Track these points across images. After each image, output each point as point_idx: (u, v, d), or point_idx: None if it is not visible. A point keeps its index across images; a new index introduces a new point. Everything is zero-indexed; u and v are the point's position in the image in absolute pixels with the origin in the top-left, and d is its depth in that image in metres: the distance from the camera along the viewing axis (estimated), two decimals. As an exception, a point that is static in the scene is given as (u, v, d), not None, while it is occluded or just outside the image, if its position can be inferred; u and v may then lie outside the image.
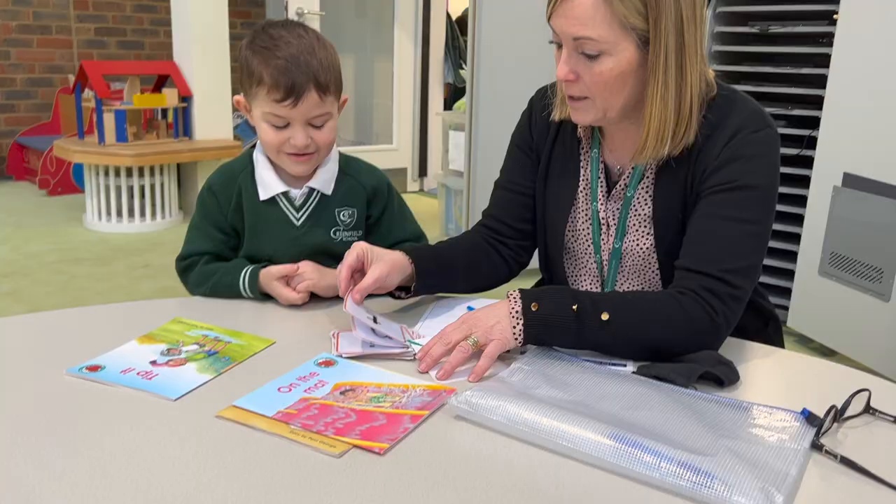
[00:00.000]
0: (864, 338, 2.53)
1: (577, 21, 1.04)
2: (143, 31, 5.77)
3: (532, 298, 1.04)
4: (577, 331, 1.02)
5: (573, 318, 1.02)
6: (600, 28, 1.03)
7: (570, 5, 1.04)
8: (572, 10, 1.04)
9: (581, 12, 1.03)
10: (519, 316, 1.03)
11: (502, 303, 1.06)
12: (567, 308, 1.02)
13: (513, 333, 1.02)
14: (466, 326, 1.04)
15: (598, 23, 1.03)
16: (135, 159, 3.94)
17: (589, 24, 1.03)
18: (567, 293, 1.05)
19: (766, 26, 2.93)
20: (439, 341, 1.03)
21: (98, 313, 1.19)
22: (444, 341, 1.02)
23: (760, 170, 1.09)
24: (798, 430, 0.85)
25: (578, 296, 1.04)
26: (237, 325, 1.14)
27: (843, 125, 2.58)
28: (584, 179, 1.24)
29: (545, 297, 1.04)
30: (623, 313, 1.03)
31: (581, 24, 1.04)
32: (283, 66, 1.18)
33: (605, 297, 1.06)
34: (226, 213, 1.31)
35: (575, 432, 0.80)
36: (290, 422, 0.86)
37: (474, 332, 1.02)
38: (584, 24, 1.04)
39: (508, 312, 1.04)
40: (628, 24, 1.03)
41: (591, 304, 1.03)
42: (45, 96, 5.45)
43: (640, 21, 1.03)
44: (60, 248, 3.80)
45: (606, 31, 1.03)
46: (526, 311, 1.03)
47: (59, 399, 0.90)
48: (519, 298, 1.04)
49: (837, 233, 2.61)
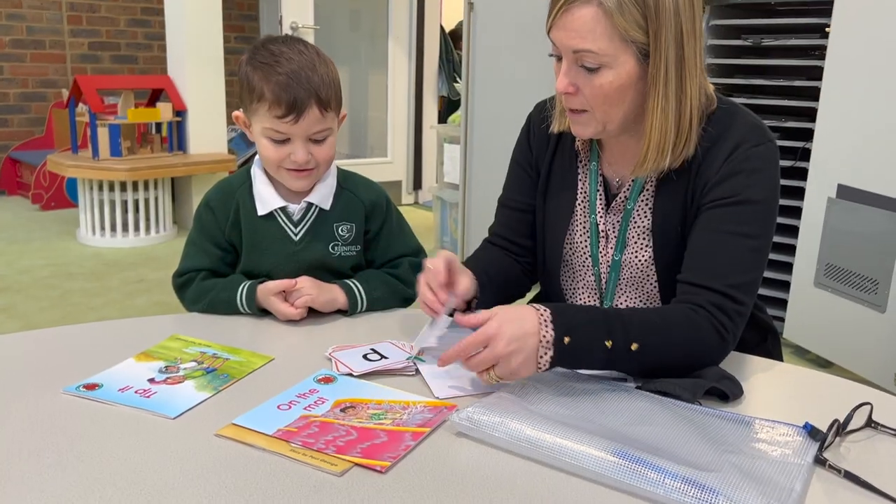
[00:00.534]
0: (860, 349, 2.54)
1: (576, 34, 1.04)
2: (137, 45, 5.78)
3: (564, 328, 0.96)
4: (606, 362, 0.99)
5: (604, 352, 0.98)
6: (600, 41, 1.03)
7: (569, 18, 1.04)
8: (572, 22, 1.04)
9: (581, 25, 1.04)
10: (549, 346, 0.96)
11: (531, 320, 0.97)
12: (601, 343, 0.97)
13: (537, 363, 0.96)
14: (492, 355, 0.95)
15: (598, 36, 1.03)
16: (129, 173, 3.93)
17: (589, 37, 1.04)
18: (600, 322, 0.99)
19: (759, 39, 2.95)
20: (459, 357, 0.98)
21: (94, 330, 1.19)
22: (465, 364, 0.98)
23: (761, 184, 1.09)
24: (801, 444, 0.85)
25: (611, 324, 0.98)
26: (235, 342, 1.14)
27: (836, 137, 2.60)
28: (583, 192, 1.24)
29: (578, 329, 0.97)
30: (650, 340, 0.99)
31: (581, 37, 1.04)
32: (285, 82, 1.18)
33: (632, 322, 1.00)
34: (223, 228, 1.31)
35: (578, 448, 0.80)
36: (291, 440, 0.85)
37: (498, 371, 0.96)
38: (583, 37, 1.04)
39: (538, 335, 0.96)
40: (628, 37, 1.04)
41: (622, 335, 0.98)
42: (39, 111, 5.44)
43: (640, 34, 1.04)
44: (54, 263, 3.78)
45: (606, 44, 1.04)
46: (557, 343, 0.96)
47: (56, 418, 0.89)
48: (551, 326, 0.96)
49: (832, 244, 2.62)
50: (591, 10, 1.03)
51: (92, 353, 1.08)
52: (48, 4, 5.37)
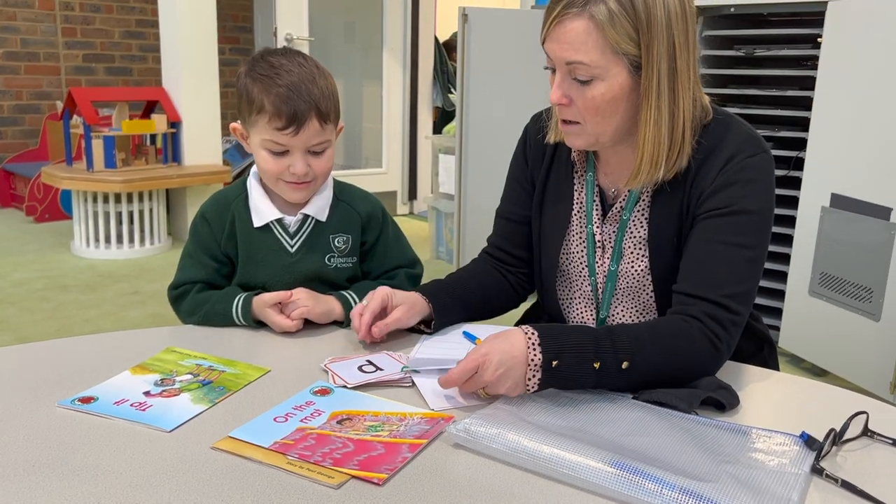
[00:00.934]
0: (855, 357, 2.54)
1: (569, 46, 1.05)
2: (132, 57, 5.79)
3: (552, 351, 0.96)
4: (597, 382, 0.99)
5: (594, 373, 0.97)
6: (592, 53, 1.04)
7: (562, 30, 1.05)
8: (564, 35, 1.05)
9: (573, 37, 1.04)
10: (537, 369, 0.96)
11: (519, 345, 0.96)
12: (589, 364, 0.97)
13: (526, 385, 0.96)
14: (481, 381, 0.96)
15: (590, 48, 1.04)
16: (123, 185, 3.93)
17: (581, 50, 1.04)
18: (589, 344, 0.98)
19: (752, 50, 2.97)
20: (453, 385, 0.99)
21: (89, 343, 1.18)
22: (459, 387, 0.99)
23: (756, 194, 1.10)
24: (798, 453, 0.85)
25: (600, 346, 0.98)
26: (231, 354, 1.13)
27: (829, 146, 2.61)
28: (579, 203, 1.24)
29: (566, 352, 0.97)
30: (641, 356, 0.99)
31: (573, 50, 1.05)
32: (286, 94, 1.18)
33: (622, 339, 1.00)
34: (219, 240, 1.31)
35: (576, 459, 0.80)
36: (287, 452, 0.85)
37: (489, 391, 0.97)
38: (576, 50, 1.05)
39: (526, 360, 0.96)
40: (620, 49, 1.04)
41: (612, 355, 0.97)
42: (33, 123, 5.44)
43: (631, 47, 1.04)
44: (48, 275, 3.76)
45: (598, 57, 1.04)
46: (545, 366, 0.96)
47: (51, 432, 0.89)
48: (539, 349, 0.96)
49: (827, 253, 2.63)
50: (582, 22, 1.04)
51: (87, 366, 1.07)
52: (42, 17, 5.38)
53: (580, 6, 1.03)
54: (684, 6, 1.06)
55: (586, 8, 1.03)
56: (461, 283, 1.30)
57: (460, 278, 1.31)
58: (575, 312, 1.29)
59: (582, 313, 1.28)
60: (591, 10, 1.03)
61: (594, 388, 1.00)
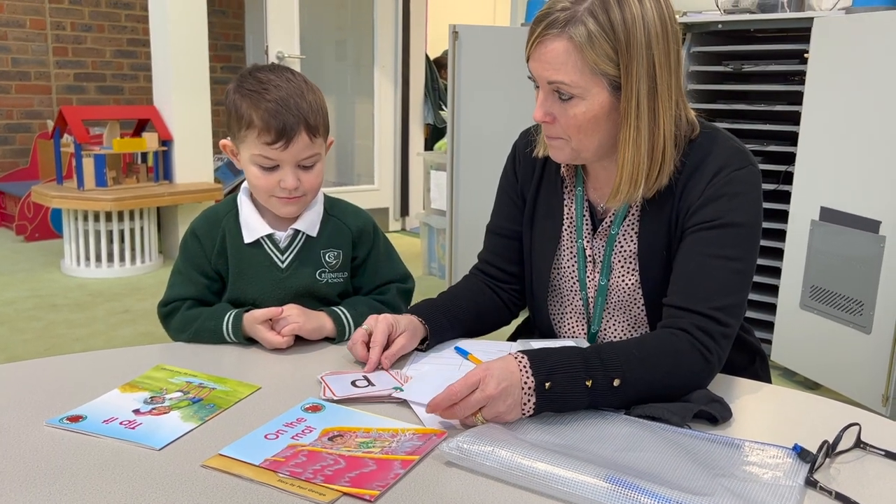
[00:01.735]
0: (847, 370, 2.54)
1: (549, 65, 1.07)
2: (123, 76, 5.79)
3: (544, 374, 0.95)
4: (590, 401, 0.98)
5: (586, 392, 0.97)
6: (572, 73, 1.06)
7: (543, 50, 1.07)
8: (545, 54, 1.07)
9: (553, 57, 1.06)
10: (531, 392, 0.95)
11: (512, 368, 0.96)
12: (581, 383, 0.96)
13: (522, 409, 0.95)
14: (483, 396, 0.93)
15: (570, 68, 1.05)
16: (114, 203, 3.92)
17: (561, 69, 1.06)
18: (579, 363, 0.98)
19: (740, 65, 3.00)
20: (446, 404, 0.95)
21: (78, 361, 1.17)
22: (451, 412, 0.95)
23: (744, 207, 1.10)
24: (791, 466, 0.85)
25: (590, 364, 0.98)
26: (221, 371, 1.13)
27: (817, 160, 2.63)
28: (569, 218, 1.25)
29: (558, 373, 0.96)
30: (632, 374, 0.98)
31: (554, 69, 1.06)
32: (274, 108, 1.19)
33: (612, 356, 0.99)
34: (210, 257, 1.30)
35: (570, 476, 0.79)
36: (278, 470, 0.84)
37: (485, 413, 0.94)
38: (556, 69, 1.06)
39: (520, 384, 0.95)
40: (599, 70, 1.05)
41: (603, 373, 0.97)
42: (23, 142, 5.43)
43: (610, 67, 1.05)
44: (37, 294, 3.74)
45: (578, 77, 1.06)
46: (539, 388, 0.95)
47: (39, 452, 0.88)
48: (530, 372, 0.95)
49: (817, 266, 2.64)
50: (562, 43, 1.05)
51: (76, 385, 1.06)
52: (34, 36, 5.38)
53: (560, 27, 1.05)
54: (665, 26, 1.07)
55: (566, 29, 1.04)
56: (455, 303, 1.29)
57: (454, 297, 1.31)
58: (566, 327, 1.29)
59: (573, 328, 1.28)
60: (570, 31, 1.04)
61: (588, 409, 0.99)
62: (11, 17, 5.27)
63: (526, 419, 0.96)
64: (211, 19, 4.39)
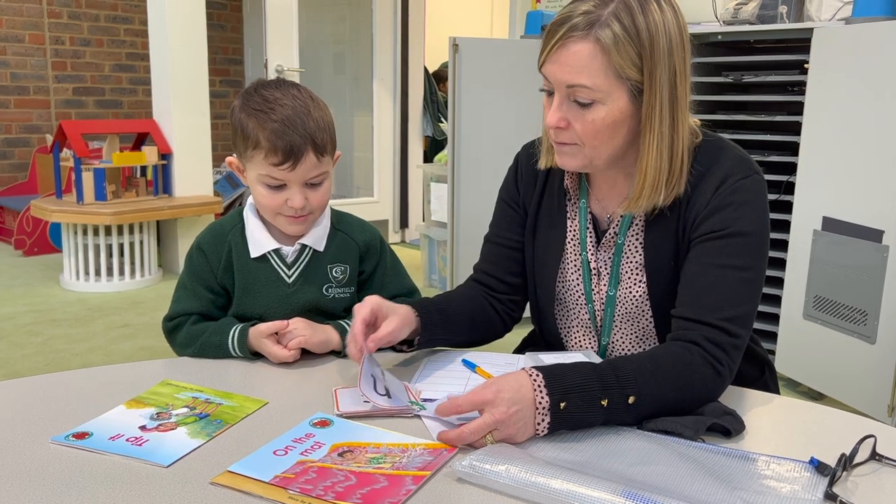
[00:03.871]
0: (852, 380, 2.53)
1: (571, 69, 1.05)
2: (122, 90, 5.79)
3: (559, 393, 0.93)
4: (605, 420, 0.96)
5: (602, 411, 0.95)
6: (595, 76, 1.04)
7: (565, 53, 1.05)
8: (568, 57, 1.05)
9: (577, 60, 1.04)
10: (546, 412, 0.93)
11: (526, 385, 0.93)
12: (597, 402, 0.94)
13: (536, 429, 0.94)
14: (491, 420, 0.91)
15: (594, 71, 1.04)
16: (114, 217, 3.90)
17: (584, 73, 1.04)
18: (595, 382, 0.95)
19: (740, 76, 3.00)
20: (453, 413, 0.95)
21: (82, 377, 1.16)
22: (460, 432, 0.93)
23: (750, 216, 1.10)
24: (809, 479, 0.84)
25: (606, 382, 0.96)
26: (228, 386, 1.11)
27: (819, 170, 2.63)
28: (572, 230, 1.24)
29: (573, 393, 0.94)
30: (646, 390, 0.97)
31: (576, 72, 1.05)
32: (280, 129, 1.17)
33: (625, 373, 0.98)
34: (215, 271, 1.29)
35: (586, 493, 0.78)
36: (288, 486, 0.83)
37: (496, 435, 0.92)
38: (579, 73, 1.05)
39: (534, 404, 0.93)
40: (623, 74, 1.04)
41: (618, 392, 0.95)
42: (23, 156, 5.42)
43: (634, 72, 1.05)
44: (36, 309, 3.72)
45: (601, 80, 1.04)
46: (554, 408, 0.93)
47: (44, 470, 0.86)
48: (545, 391, 0.93)
49: (820, 276, 2.64)
50: (588, 45, 1.04)
51: (80, 401, 1.05)
52: (33, 51, 5.39)
53: (585, 29, 1.04)
54: (682, 34, 1.08)
55: (592, 31, 1.03)
56: (451, 303, 1.26)
57: (451, 299, 1.29)
58: (574, 339, 1.28)
59: (581, 340, 1.27)
60: (596, 33, 1.03)
61: (603, 426, 0.97)
62: (10, 31, 5.28)
63: (536, 437, 0.95)
64: (210, 33, 4.40)
